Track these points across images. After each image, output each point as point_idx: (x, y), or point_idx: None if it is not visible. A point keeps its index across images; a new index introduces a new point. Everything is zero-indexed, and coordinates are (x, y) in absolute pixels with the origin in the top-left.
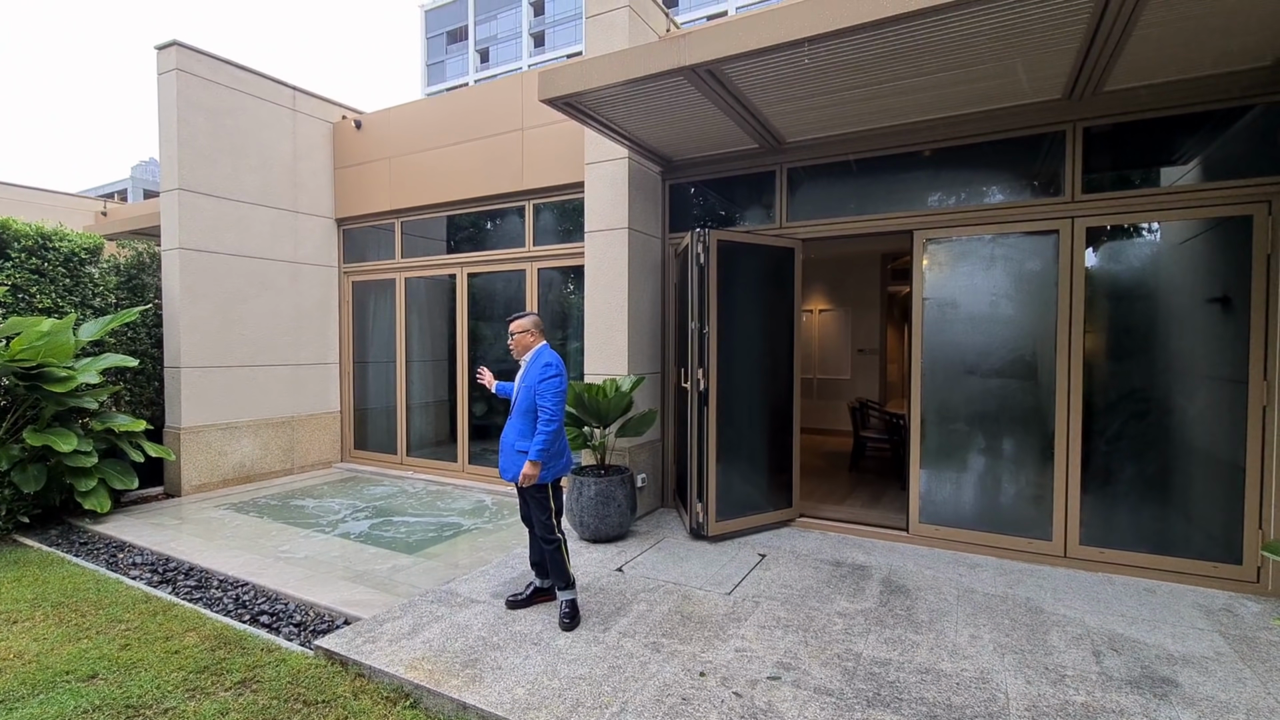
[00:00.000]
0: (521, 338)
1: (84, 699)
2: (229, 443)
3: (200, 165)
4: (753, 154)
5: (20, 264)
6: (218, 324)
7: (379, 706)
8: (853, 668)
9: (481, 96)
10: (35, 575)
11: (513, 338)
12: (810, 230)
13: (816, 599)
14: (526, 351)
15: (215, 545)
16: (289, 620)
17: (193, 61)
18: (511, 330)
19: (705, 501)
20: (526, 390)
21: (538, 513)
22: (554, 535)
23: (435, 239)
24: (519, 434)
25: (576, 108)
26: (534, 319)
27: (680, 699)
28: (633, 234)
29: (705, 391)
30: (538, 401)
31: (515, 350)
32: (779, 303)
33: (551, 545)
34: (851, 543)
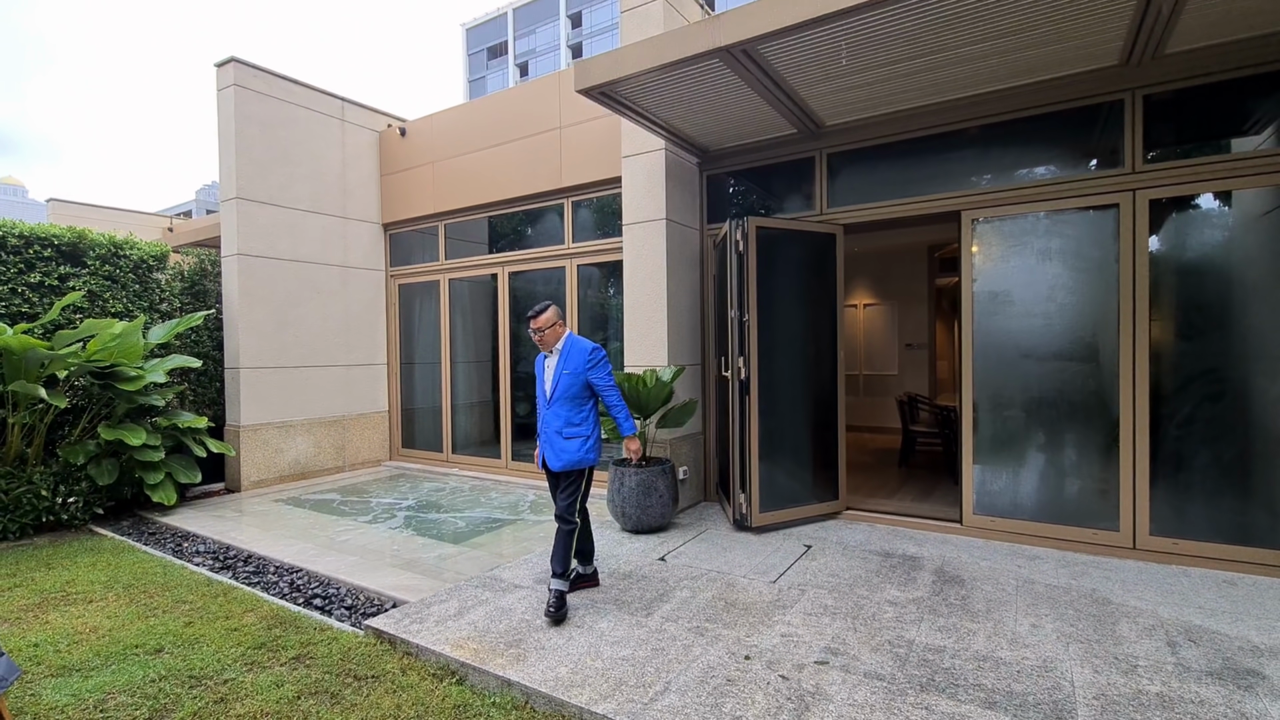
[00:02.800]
0: (552, 331)
1: (152, 669)
2: (285, 440)
3: (256, 175)
4: (791, 140)
5: (95, 271)
6: (273, 326)
7: (426, 682)
8: (904, 654)
9: (520, 97)
10: (109, 561)
11: (541, 333)
12: (852, 215)
13: (865, 588)
14: (557, 340)
15: (272, 535)
16: (340, 603)
17: (248, 76)
18: (539, 326)
19: (748, 492)
20: (570, 377)
21: (566, 493)
22: (573, 518)
23: (477, 241)
24: (564, 420)
25: (612, 97)
26: (556, 308)
27: (725, 680)
28: (671, 225)
29: (746, 380)
30: (600, 381)
31: (544, 343)
32: (821, 291)
33: (568, 526)
34: (901, 534)
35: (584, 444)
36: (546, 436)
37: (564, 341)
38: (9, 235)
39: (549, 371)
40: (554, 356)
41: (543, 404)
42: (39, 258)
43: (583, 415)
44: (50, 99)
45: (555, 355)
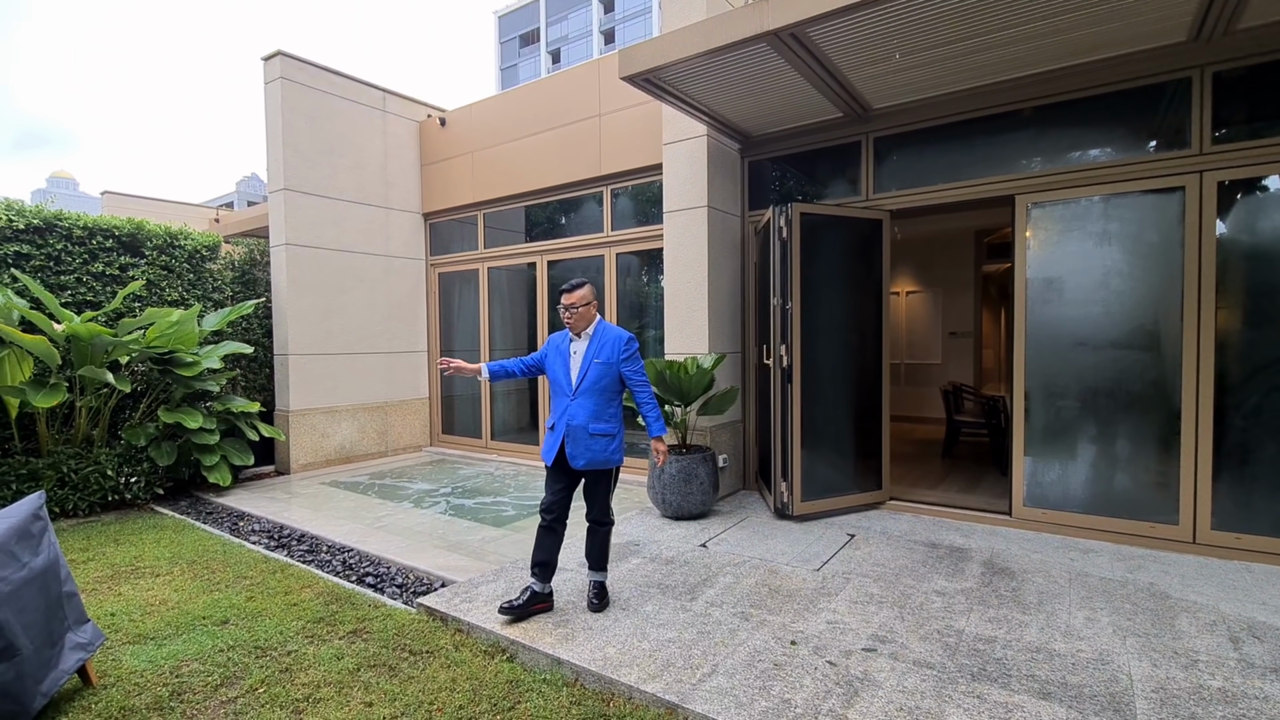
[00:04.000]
0: (585, 310)
1: (219, 640)
2: (331, 425)
3: (302, 166)
4: (837, 124)
5: (153, 261)
6: (319, 314)
7: (478, 658)
8: (954, 643)
9: (559, 85)
10: (171, 538)
11: (574, 310)
12: (900, 201)
13: (911, 577)
14: (588, 324)
15: (323, 516)
16: (391, 582)
17: (294, 69)
18: (572, 302)
19: (790, 480)
20: (602, 367)
21: (599, 495)
22: (611, 516)
23: (515, 230)
24: (591, 414)
25: (656, 84)
26: (592, 287)
27: (772, 664)
28: (712, 212)
29: (789, 368)
30: (635, 375)
31: (575, 323)
32: (866, 278)
33: (606, 527)
34: (947, 525)
35: (612, 443)
36: (570, 431)
37: (595, 326)
38: (74, 227)
39: (576, 358)
40: (582, 341)
41: (564, 393)
42: (101, 248)
43: (613, 411)
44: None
45: (584, 340)
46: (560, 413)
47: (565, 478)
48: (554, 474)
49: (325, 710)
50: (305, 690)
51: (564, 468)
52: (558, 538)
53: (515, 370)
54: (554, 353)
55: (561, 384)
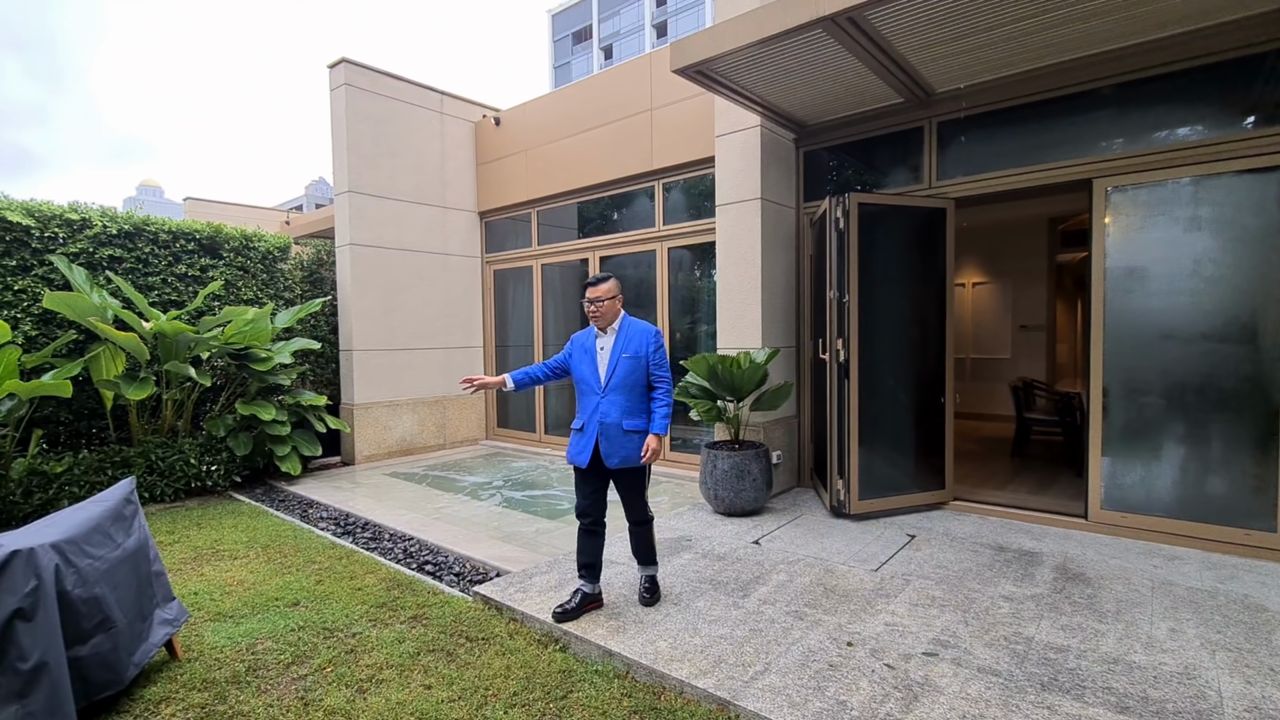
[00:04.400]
0: (611, 304)
1: (291, 620)
2: (392, 418)
3: (365, 169)
4: (897, 110)
5: (230, 262)
6: (381, 312)
7: (532, 647)
8: (1023, 651)
9: (610, 81)
10: (247, 524)
11: (599, 304)
12: (965, 188)
13: (977, 581)
14: (614, 319)
15: (385, 505)
16: (449, 570)
17: (357, 75)
18: (597, 296)
19: (847, 478)
20: (632, 362)
21: (633, 495)
22: (650, 513)
23: (568, 226)
24: (622, 411)
25: (708, 75)
26: (617, 281)
27: (827, 665)
28: (766, 204)
29: (845, 363)
30: (657, 372)
31: (601, 318)
32: (928, 269)
33: (645, 525)
34: (1015, 528)
35: (644, 439)
36: (601, 429)
37: (620, 321)
38: (160, 231)
39: (603, 354)
40: (608, 337)
41: (592, 390)
42: (184, 251)
43: (644, 407)
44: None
45: (610, 335)
46: (590, 412)
47: (598, 479)
48: (586, 476)
49: (387, 691)
50: (369, 671)
51: (597, 469)
52: (599, 539)
53: (540, 376)
54: (579, 351)
55: (590, 382)
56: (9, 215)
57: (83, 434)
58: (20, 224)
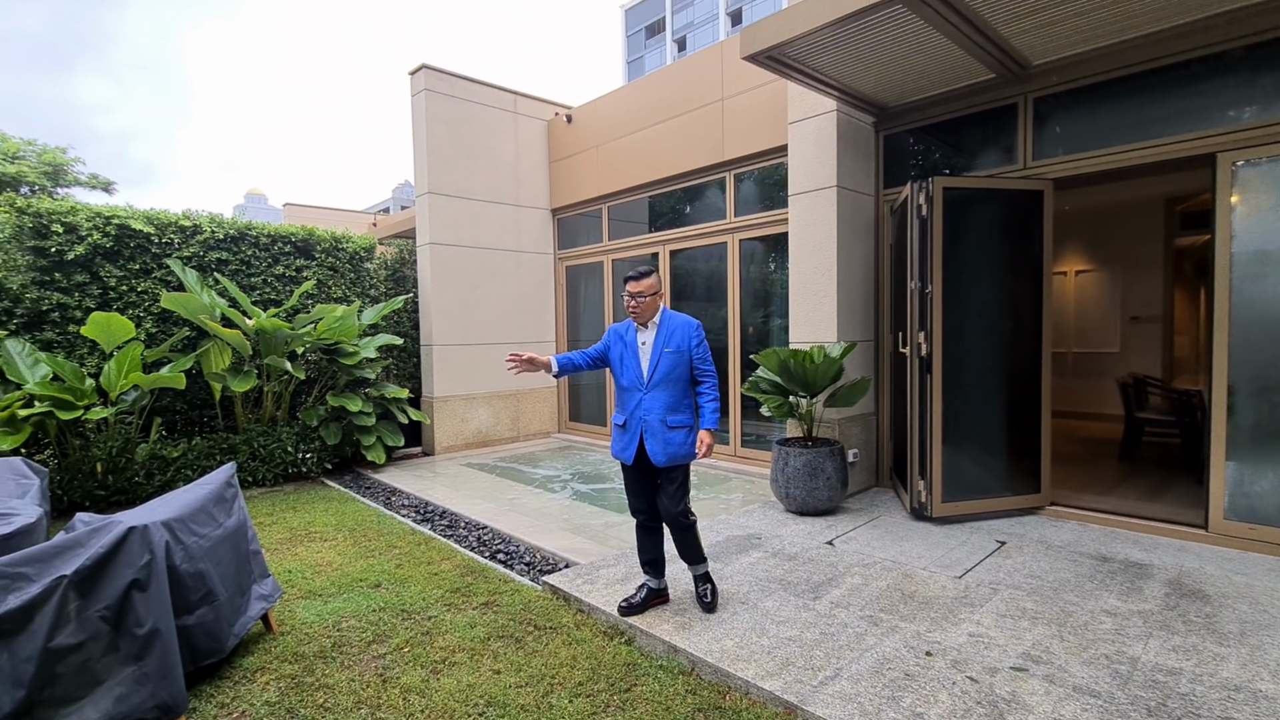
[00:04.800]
0: (652, 300)
1: (372, 601)
2: (469, 411)
3: (444, 170)
4: (987, 87)
5: (321, 263)
6: (459, 308)
7: (597, 639)
8: (1126, 672)
9: (680, 72)
10: (336, 508)
11: (641, 299)
12: (1065, 168)
13: (1075, 593)
14: (654, 314)
15: (461, 495)
16: (520, 559)
17: (436, 80)
18: (640, 291)
19: (928, 479)
20: (674, 356)
21: (675, 493)
22: (690, 518)
23: (638, 221)
24: (666, 407)
25: (780, 61)
26: (658, 276)
27: (903, 674)
28: (841, 192)
29: (927, 357)
30: (701, 366)
31: (642, 313)
32: (1022, 256)
33: (689, 523)
34: (1121, 537)
35: (689, 435)
36: (646, 426)
37: (660, 315)
38: (261, 235)
39: (645, 349)
40: (649, 331)
41: (635, 387)
42: (281, 252)
43: (688, 402)
44: (279, 117)
45: (651, 330)
46: (632, 408)
47: (646, 475)
48: (634, 473)
49: (458, 673)
50: (442, 653)
51: (643, 465)
52: (658, 535)
53: (582, 363)
54: (618, 344)
55: (632, 377)
56: (133, 223)
57: (195, 422)
58: (142, 231)
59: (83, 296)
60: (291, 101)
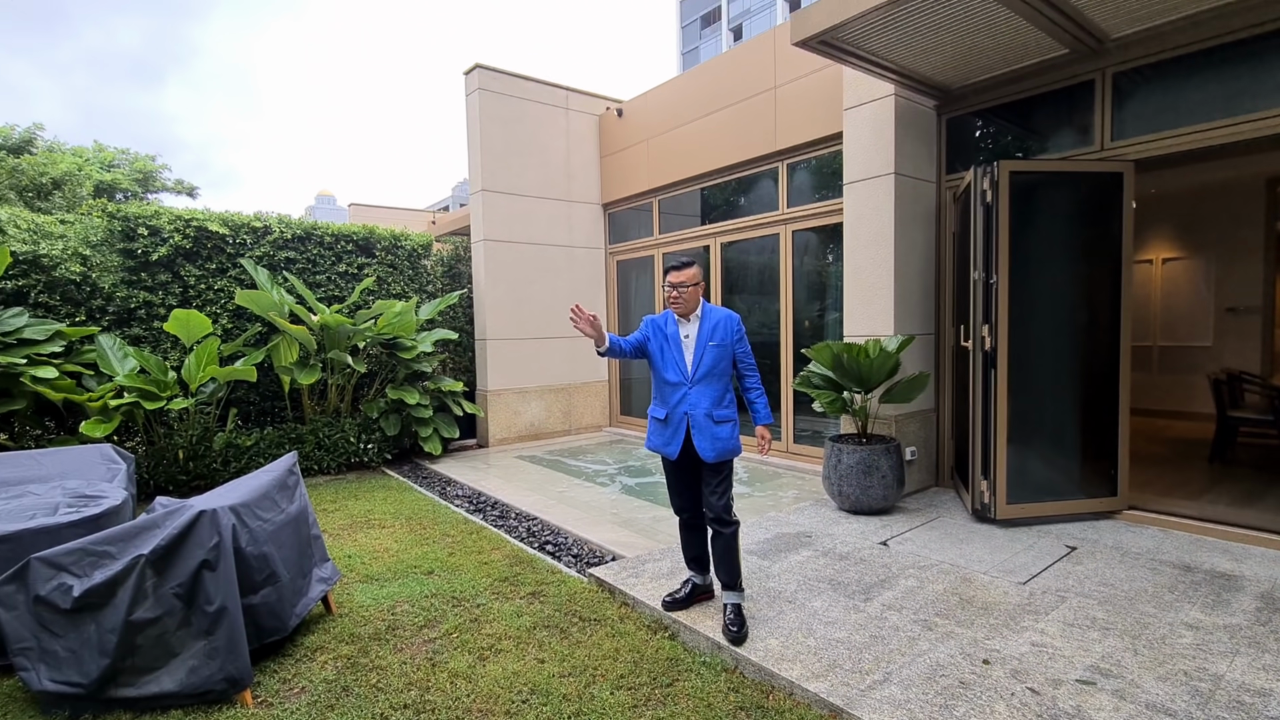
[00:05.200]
0: (694, 291)
1: (425, 587)
2: (522, 404)
3: (497, 168)
4: (1060, 63)
5: (381, 260)
6: (512, 303)
7: (641, 632)
8: (1207, 690)
9: (732, 61)
10: (395, 497)
11: (683, 289)
12: (1150, 148)
13: (1152, 604)
14: (696, 306)
15: (513, 486)
16: (568, 551)
17: (490, 79)
18: (681, 281)
19: (992, 479)
20: (719, 350)
21: (719, 487)
22: (734, 517)
23: (689, 214)
24: (711, 401)
25: (833, 45)
26: (699, 268)
27: (958, 682)
28: (900, 180)
29: (991, 351)
30: (746, 360)
31: (684, 305)
32: (1098, 244)
33: (731, 529)
34: (1208, 545)
35: (735, 429)
36: (693, 420)
37: (702, 308)
38: (325, 234)
39: (688, 342)
40: (691, 324)
41: (679, 381)
42: (344, 251)
43: (731, 396)
44: (347, 119)
45: (693, 323)
46: (675, 402)
47: (689, 472)
48: (678, 470)
49: (504, 660)
50: (489, 640)
51: (688, 462)
52: (702, 532)
53: (626, 348)
54: (658, 337)
55: (675, 371)
56: (210, 225)
57: (267, 413)
58: (218, 232)
59: (165, 294)
60: (360, 102)
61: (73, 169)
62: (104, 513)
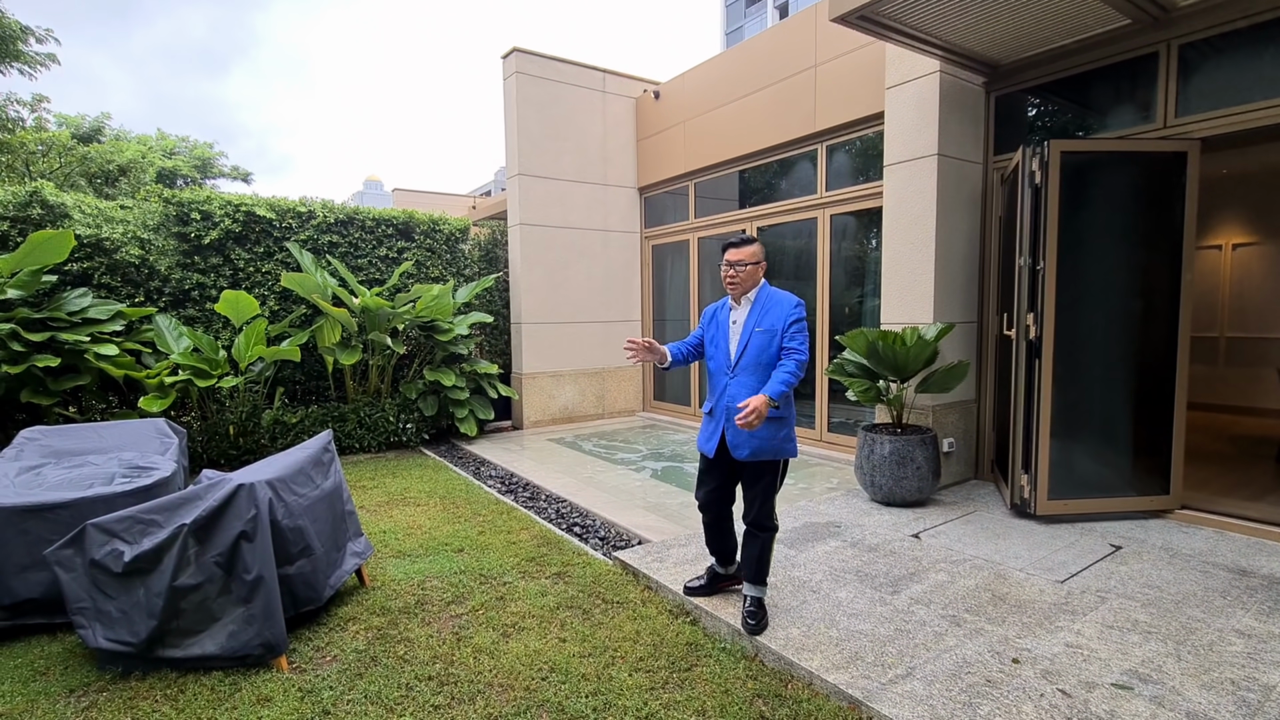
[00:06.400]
0: (752, 271)
1: (455, 564)
2: (556, 388)
3: (533, 152)
4: (1120, 35)
5: (420, 244)
6: (547, 287)
7: (663, 616)
8: (1256, 701)
9: (770, 41)
10: (431, 475)
11: (740, 268)
12: (1216, 125)
13: (1201, 608)
14: (752, 287)
15: (545, 468)
16: (595, 534)
17: (527, 63)
18: (739, 259)
19: (1033, 473)
20: (765, 336)
21: (761, 493)
22: (773, 521)
23: (726, 198)
24: (754, 394)
25: (874, 20)
26: (761, 247)
27: (984, 680)
28: (943, 161)
29: (1036, 340)
30: (789, 343)
31: (738, 286)
32: (1156, 229)
33: (768, 533)
34: (1269, 549)
35: (782, 429)
36: (728, 414)
37: (758, 291)
38: (366, 219)
39: (735, 328)
40: (742, 309)
41: (721, 369)
42: (385, 235)
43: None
44: (395, 105)
45: (745, 307)
46: (719, 394)
47: (722, 474)
48: (711, 468)
49: (527, 638)
50: (514, 618)
51: (724, 460)
52: (726, 530)
53: (689, 355)
54: (711, 325)
55: (720, 359)
56: (257, 210)
57: (311, 392)
58: (265, 217)
59: (217, 276)
60: (407, 87)
61: (136, 156)
62: (155, 483)
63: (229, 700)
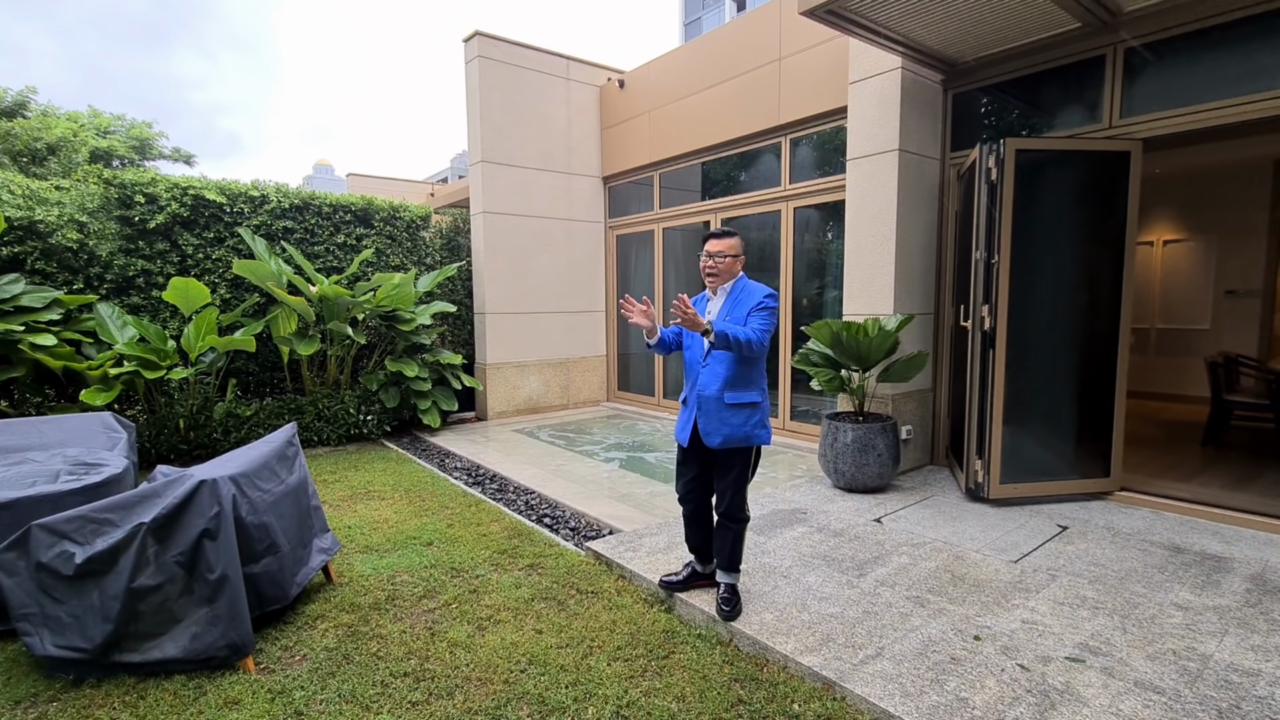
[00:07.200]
0: (730, 263)
1: (424, 558)
2: (520, 378)
3: (496, 139)
4: (1071, 37)
5: (380, 231)
6: (511, 276)
7: (637, 605)
8: (1196, 670)
9: (737, 32)
10: (394, 469)
11: (720, 259)
12: (1158, 126)
13: (1142, 584)
14: (729, 279)
15: (512, 460)
16: (566, 524)
17: (489, 47)
18: (719, 251)
19: (986, 458)
20: (737, 324)
21: (732, 483)
22: (745, 512)
23: (690, 189)
24: (723, 381)
25: (841, 15)
26: (740, 240)
27: (948, 657)
28: (904, 156)
29: (990, 331)
30: (753, 320)
31: (717, 277)
32: (1102, 224)
33: (740, 524)
34: (1199, 527)
35: (754, 415)
36: (701, 403)
37: (735, 283)
38: (323, 204)
39: (709, 318)
40: (717, 300)
41: (695, 359)
42: (342, 221)
43: (753, 377)
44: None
45: (720, 297)
46: (691, 383)
47: (698, 463)
48: (687, 457)
49: (502, 631)
50: (488, 611)
51: (698, 449)
52: (705, 525)
53: (671, 342)
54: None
55: (695, 349)
56: (207, 194)
57: (266, 384)
58: (215, 201)
59: (164, 263)
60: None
61: (67, 134)
62: (105, 481)
63: (194, 704)
